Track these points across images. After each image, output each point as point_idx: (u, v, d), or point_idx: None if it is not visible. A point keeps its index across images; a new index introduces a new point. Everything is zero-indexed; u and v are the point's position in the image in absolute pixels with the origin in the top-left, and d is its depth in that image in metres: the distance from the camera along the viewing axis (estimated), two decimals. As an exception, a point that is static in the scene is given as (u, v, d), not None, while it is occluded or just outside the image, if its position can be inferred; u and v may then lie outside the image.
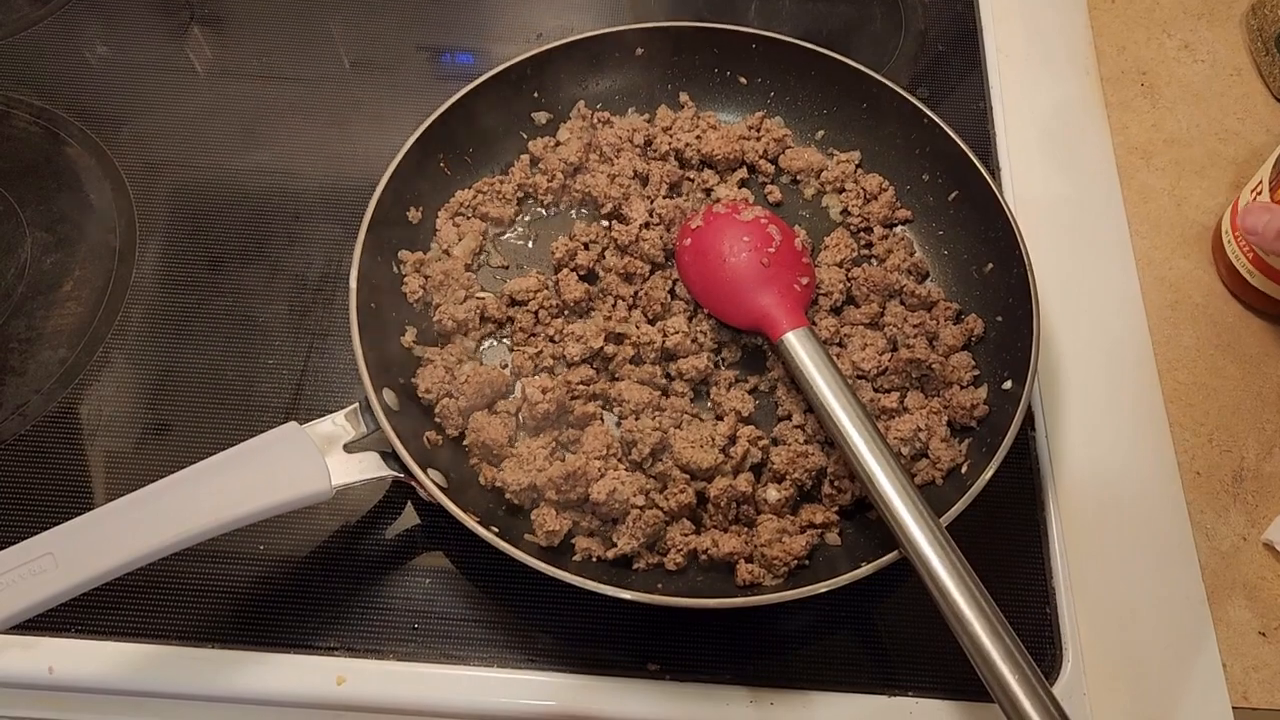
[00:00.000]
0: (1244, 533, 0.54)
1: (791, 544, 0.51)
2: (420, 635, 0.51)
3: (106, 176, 0.66)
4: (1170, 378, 0.59)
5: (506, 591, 0.53)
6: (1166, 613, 0.52)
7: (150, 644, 0.51)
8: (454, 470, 0.52)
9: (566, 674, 0.51)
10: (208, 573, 0.52)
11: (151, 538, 0.44)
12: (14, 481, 0.54)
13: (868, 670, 0.51)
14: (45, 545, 0.44)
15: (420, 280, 0.59)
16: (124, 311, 0.61)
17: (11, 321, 0.60)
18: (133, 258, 0.63)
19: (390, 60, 0.73)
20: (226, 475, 0.47)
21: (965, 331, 0.58)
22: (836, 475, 0.53)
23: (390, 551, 0.54)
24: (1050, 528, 0.55)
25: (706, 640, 0.51)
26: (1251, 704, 0.50)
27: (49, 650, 0.50)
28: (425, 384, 0.55)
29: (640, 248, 0.59)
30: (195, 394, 0.58)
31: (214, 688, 0.50)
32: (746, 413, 0.55)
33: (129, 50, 0.73)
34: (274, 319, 0.61)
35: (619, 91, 0.66)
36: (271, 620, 0.52)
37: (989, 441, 0.52)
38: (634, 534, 0.50)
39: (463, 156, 0.63)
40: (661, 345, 0.56)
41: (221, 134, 0.69)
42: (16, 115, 0.68)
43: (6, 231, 0.63)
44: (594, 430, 0.53)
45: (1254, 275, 0.60)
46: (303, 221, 0.65)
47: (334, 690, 0.50)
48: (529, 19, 0.75)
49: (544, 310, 0.58)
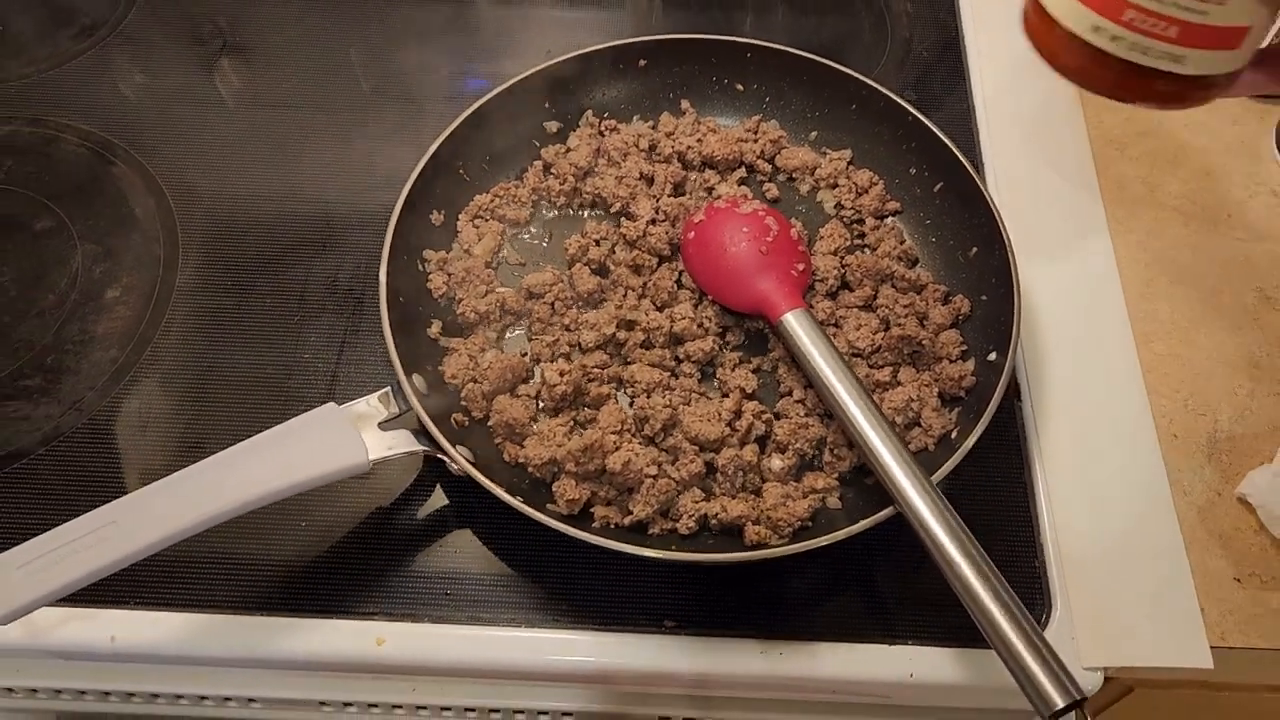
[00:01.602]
0: (1219, 489, 0.58)
1: (795, 507, 0.54)
2: (452, 600, 0.55)
3: (150, 192, 0.71)
4: (1147, 349, 0.63)
5: (530, 560, 0.57)
6: (1148, 563, 0.55)
7: (203, 613, 0.54)
8: (480, 448, 0.57)
9: (588, 631, 0.54)
10: (254, 548, 0.56)
11: (205, 507, 0.48)
12: (76, 467, 0.59)
13: (869, 622, 0.55)
14: (109, 515, 0.48)
15: (444, 277, 0.63)
16: (169, 314, 0.65)
17: (66, 326, 0.64)
18: (176, 265, 0.67)
19: (407, 85, 0.78)
20: (272, 451, 0.51)
21: (953, 311, 0.62)
22: (835, 444, 0.57)
23: (422, 528, 0.58)
24: (1037, 489, 0.58)
25: (719, 597, 0.55)
26: (1228, 644, 0.53)
27: (110, 621, 0.54)
28: (451, 370, 0.59)
29: (648, 242, 0.63)
30: (237, 387, 0.62)
31: (263, 651, 0.54)
32: (750, 390, 0.59)
33: (165, 77, 0.78)
34: (308, 318, 0.65)
35: (624, 101, 0.71)
36: (314, 589, 0.55)
37: (976, 409, 0.56)
38: (648, 501, 0.54)
39: (480, 164, 0.67)
40: (670, 330, 0.60)
41: (253, 153, 0.74)
42: (65, 139, 0.73)
43: (59, 245, 0.68)
44: (609, 408, 0.57)
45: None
46: (332, 229, 0.69)
47: (374, 650, 0.54)
48: (539, 39, 0.80)
49: (559, 302, 0.62)
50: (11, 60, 0.79)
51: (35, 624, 0.53)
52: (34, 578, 0.46)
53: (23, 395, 0.62)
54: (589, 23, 0.82)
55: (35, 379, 0.62)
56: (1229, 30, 0.35)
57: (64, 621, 0.54)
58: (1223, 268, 0.67)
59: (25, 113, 0.75)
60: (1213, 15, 0.34)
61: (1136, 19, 0.35)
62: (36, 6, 0.83)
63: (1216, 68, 0.36)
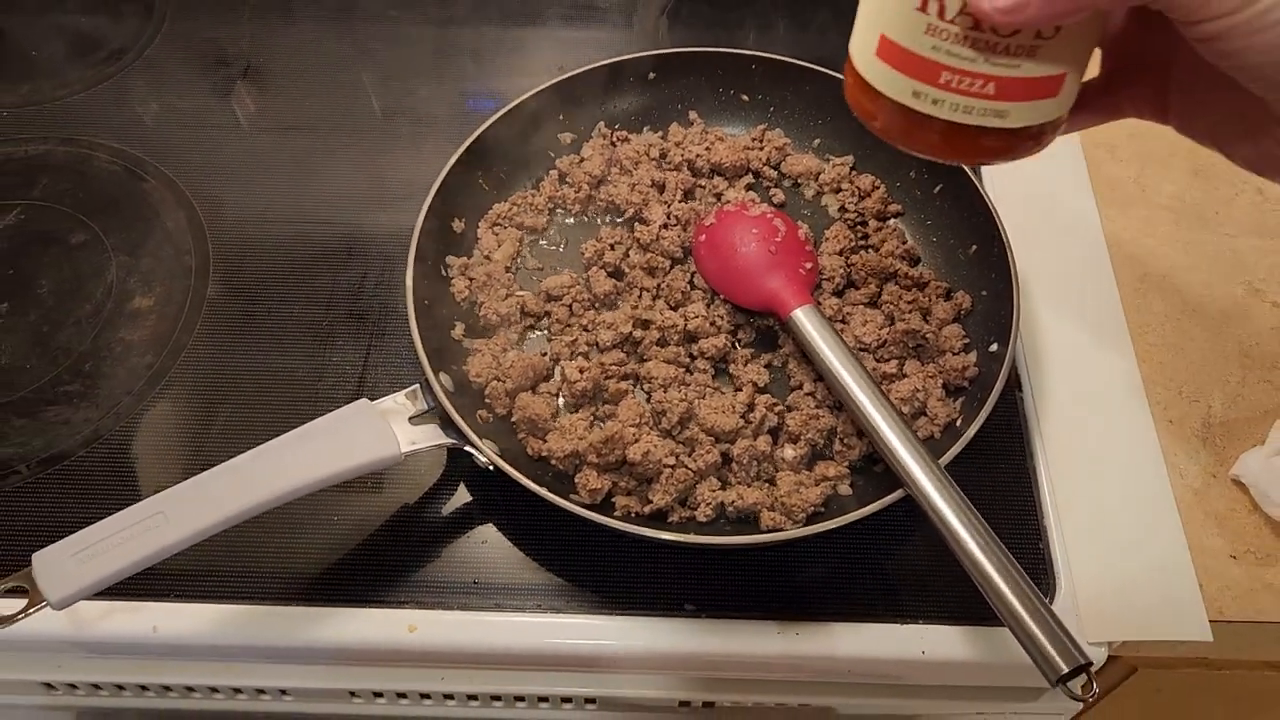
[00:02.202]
0: (1214, 471, 0.60)
1: (808, 494, 0.57)
2: (480, 589, 0.57)
3: (180, 206, 0.73)
4: (1141, 340, 0.65)
5: (553, 550, 0.59)
6: (1147, 543, 0.58)
7: (242, 604, 0.57)
8: (504, 443, 0.59)
9: (611, 616, 0.57)
10: (289, 541, 0.59)
11: (248, 497, 0.51)
12: (115, 468, 0.61)
13: (882, 602, 0.57)
14: (157, 505, 0.50)
15: (466, 282, 0.66)
16: (201, 322, 0.68)
17: (103, 334, 0.67)
18: (207, 275, 0.70)
19: (421, 106, 0.81)
20: (308, 443, 0.53)
21: (955, 306, 0.64)
22: (845, 434, 0.60)
23: (448, 522, 0.60)
24: (1039, 474, 0.61)
25: (737, 582, 0.57)
26: (1227, 618, 0.55)
27: (152, 612, 0.56)
28: (475, 370, 0.61)
29: (660, 245, 0.66)
30: (268, 388, 0.65)
31: (300, 640, 0.56)
32: (762, 384, 0.62)
33: (190, 98, 0.81)
34: (336, 323, 0.68)
35: (635, 112, 0.74)
36: (348, 581, 0.58)
37: (979, 398, 0.58)
38: (667, 490, 0.57)
39: (498, 174, 0.70)
40: (684, 328, 0.63)
41: (277, 169, 0.76)
42: (97, 157, 0.76)
43: (94, 257, 0.71)
44: (628, 403, 0.60)
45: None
46: (356, 239, 0.72)
47: (407, 638, 0.56)
48: (550, 57, 0.83)
49: (577, 303, 0.65)
50: (45, 83, 0.82)
51: (80, 616, 0.56)
52: (86, 565, 0.48)
53: (63, 400, 0.64)
54: (598, 40, 0.85)
55: (74, 385, 0.65)
56: (1045, 80, 0.34)
57: (108, 614, 0.56)
58: (1212, 262, 0.69)
59: (59, 133, 0.78)
60: (1025, 68, 0.34)
61: (953, 80, 0.34)
62: (68, 33, 0.86)
63: (1041, 116, 0.36)
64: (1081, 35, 0.34)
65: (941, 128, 0.36)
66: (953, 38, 0.33)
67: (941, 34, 0.33)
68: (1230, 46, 0.30)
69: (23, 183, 0.75)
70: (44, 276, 0.70)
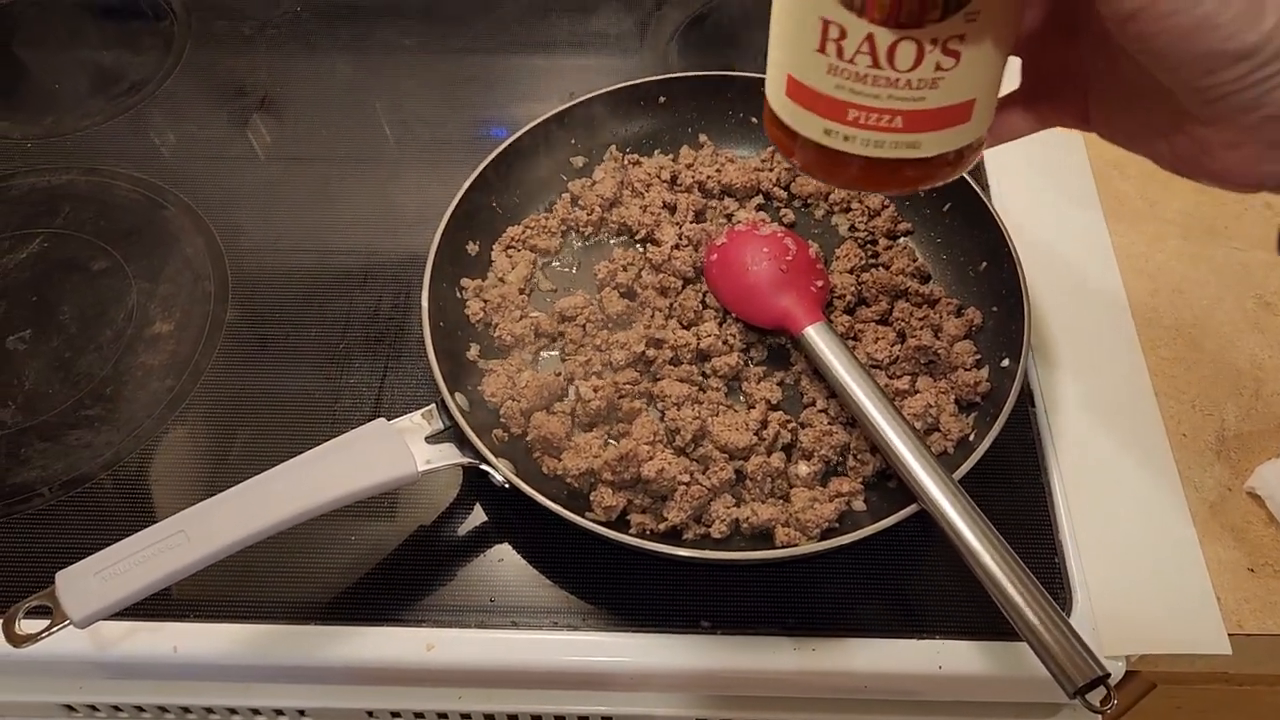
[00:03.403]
0: (1229, 484, 0.60)
1: (822, 509, 0.57)
2: (496, 607, 0.58)
3: (199, 233, 0.75)
4: (1153, 354, 0.66)
5: (568, 568, 0.59)
6: (1163, 556, 0.57)
7: (262, 624, 0.57)
8: (519, 462, 0.59)
9: (627, 634, 0.57)
10: (307, 562, 0.59)
11: (268, 515, 0.51)
12: (136, 490, 0.62)
13: (898, 618, 0.57)
14: (178, 524, 0.51)
15: (480, 304, 0.67)
16: (220, 346, 0.69)
17: (124, 359, 0.68)
18: (226, 300, 0.71)
19: (435, 133, 0.82)
20: (328, 462, 0.54)
21: (966, 323, 0.65)
22: (858, 450, 0.60)
23: (464, 541, 0.61)
24: (1054, 489, 0.61)
25: (753, 598, 0.57)
26: (1246, 631, 0.55)
27: (173, 633, 0.57)
28: (490, 389, 0.62)
29: (672, 265, 0.67)
30: (287, 410, 0.65)
31: (319, 658, 0.56)
32: (775, 401, 0.62)
33: (209, 128, 0.83)
34: (353, 345, 0.69)
35: (646, 135, 0.75)
36: (366, 600, 0.58)
37: (992, 413, 0.59)
38: (682, 507, 0.57)
39: (511, 197, 0.71)
40: (696, 347, 0.63)
41: (294, 197, 0.78)
42: (118, 186, 0.78)
43: (115, 284, 0.72)
44: (641, 421, 0.60)
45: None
46: (371, 265, 0.73)
47: (425, 655, 0.56)
48: (562, 83, 0.85)
49: (590, 324, 0.66)
50: (67, 115, 0.84)
51: (102, 636, 0.56)
52: (109, 583, 0.49)
53: (84, 424, 0.65)
54: (609, 67, 0.86)
55: (95, 409, 0.66)
56: (954, 108, 0.34)
57: (129, 634, 0.57)
58: (1222, 276, 0.70)
59: (81, 163, 0.80)
60: (931, 99, 0.34)
61: (860, 117, 0.34)
62: (89, 66, 0.88)
63: (957, 142, 0.36)
64: (984, 61, 0.34)
65: (858, 162, 0.36)
66: (854, 76, 0.33)
67: (843, 73, 0.34)
68: (1145, 28, 0.30)
69: (46, 211, 0.76)
70: (66, 303, 0.71)
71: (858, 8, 0.32)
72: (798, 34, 0.34)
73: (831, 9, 0.32)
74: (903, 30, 0.32)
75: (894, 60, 0.32)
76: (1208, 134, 0.33)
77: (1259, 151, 0.32)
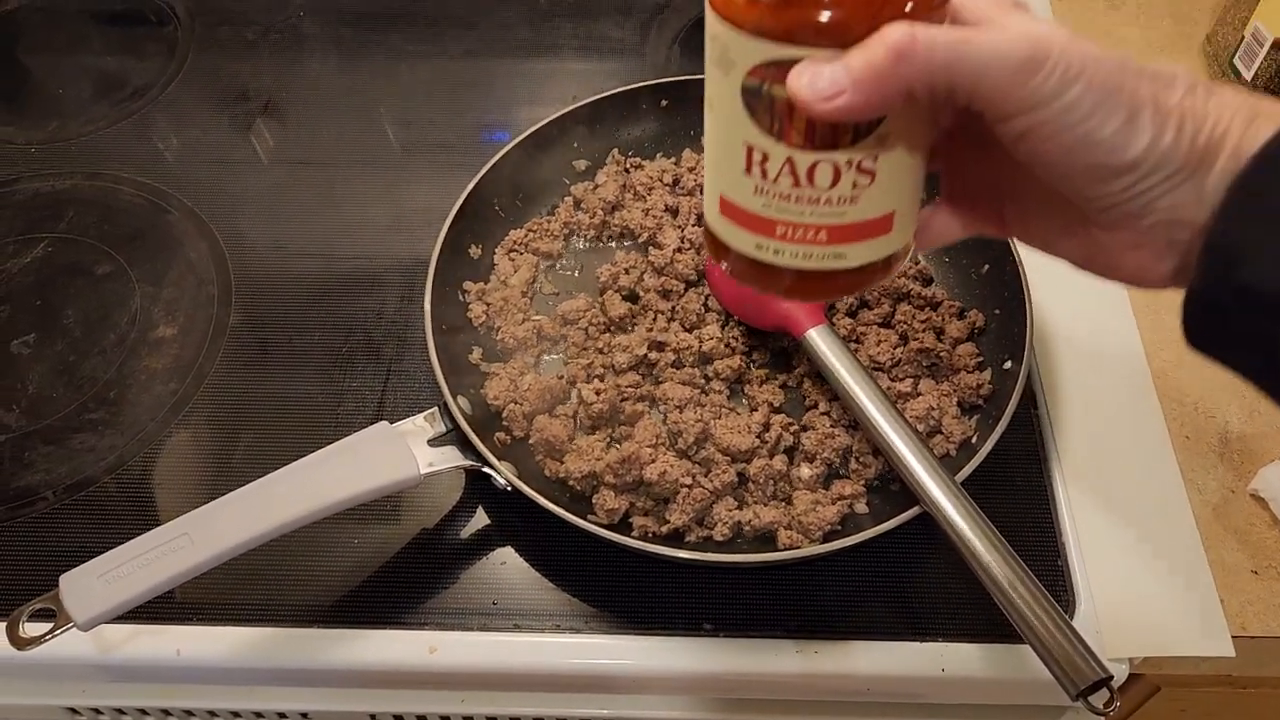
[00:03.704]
0: (1232, 486, 0.60)
1: (825, 512, 0.57)
2: (498, 610, 0.58)
3: (203, 237, 0.75)
4: (1156, 357, 0.65)
5: (571, 571, 0.59)
6: (1167, 559, 0.57)
7: (265, 627, 0.57)
8: (522, 465, 0.59)
9: (629, 636, 0.57)
10: (310, 565, 0.59)
11: (271, 518, 0.51)
12: (140, 493, 0.62)
13: (900, 620, 0.57)
14: (182, 527, 0.51)
15: (483, 307, 0.67)
16: (223, 349, 0.69)
17: (128, 362, 0.68)
18: (229, 304, 0.71)
19: (437, 137, 0.82)
20: (331, 465, 0.54)
21: (968, 325, 0.65)
22: (861, 453, 0.60)
23: (467, 545, 0.61)
24: (1057, 492, 0.61)
25: (755, 601, 0.57)
26: (1250, 633, 0.55)
27: (176, 636, 0.57)
28: (493, 393, 0.62)
29: (675, 268, 0.67)
30: (290, 414, 0.66)
31: (322, 661, 0.56)
32: (778, 404, 0.62)
33: (212, 133, 0.83)
34: (355, 349, 0.69)
35: (648, 139, 0.75)
36: (369, 604, 0.58)
37: (994, 415, 0.59)
38: (684, 510, 0.57)
39: (514, 201, 0.71)
40: (699, 350, 0.63)
41: (297, 201, 0.78)
42: (122, 190, 0.78)
43: (119, 288, 0.72)
44: (644, 424, 0.60)
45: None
46: (374, 268, 0.73)
47: (427, 659, 0.56)
48: (564, 87, 0.85)
49: (593, 327, 0.66)
50: (71, 120, 0.84)
51: (106, 639, 0.56)
52: (112, 586, 0.49)
53: (88, 428, 0.65)
54: (611, 70, 0.86)
55: (99, 412, 0.66)
56: (875, 221, 0.36)
57: (133, 637, 0.57)
58: (1225, 279, 0.69)
59: (85, 168, 0.80)
60: (852, 214, 0.35)
61: (788, 233, 0.36)
62: (93, 72, 0.88)
63: (882, 251, 0.37)
64: (899, 177, 0.35)
65: (790, 274, 0.38)
66: (778, 196, 0.35)
67: (768, 193, 0.35)
68: (1035, 146, 0.32)
69: (50, 216, 0.77)
70: (70, 307, 0.71)
71: (777, 134, 0.34)
72: (726, 158, 0.36)
73: (754, 135, 0.34)
74: (819, 154, 0.34)
75: (814, 180, 0.34)
76: (1109, 238, 0.35)
77: (1157, 251, 0.34)
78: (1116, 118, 0.31)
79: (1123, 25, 0.86)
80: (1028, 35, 0.31)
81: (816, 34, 0.31)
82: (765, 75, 0.33)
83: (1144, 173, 0.32)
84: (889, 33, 0.31)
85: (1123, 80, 0.31)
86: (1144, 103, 0.31)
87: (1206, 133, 0.32)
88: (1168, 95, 0.32)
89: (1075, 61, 0.31)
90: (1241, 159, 0.31)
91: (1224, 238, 0.31)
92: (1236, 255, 0.31)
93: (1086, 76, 0.31)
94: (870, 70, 0.31)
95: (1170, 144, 0.32)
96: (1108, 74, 0.31)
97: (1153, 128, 0.31)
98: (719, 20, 0.34)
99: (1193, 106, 0.32)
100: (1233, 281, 0.31)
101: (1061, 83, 0.31)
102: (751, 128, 0.34)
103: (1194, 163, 0.32)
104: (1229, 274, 0.31)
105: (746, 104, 0.34)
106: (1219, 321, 0.33)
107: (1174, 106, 0.32)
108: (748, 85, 0.33)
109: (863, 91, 0.31)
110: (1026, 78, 0.31)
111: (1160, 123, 0.31)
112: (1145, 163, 0.32)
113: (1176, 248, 0.34)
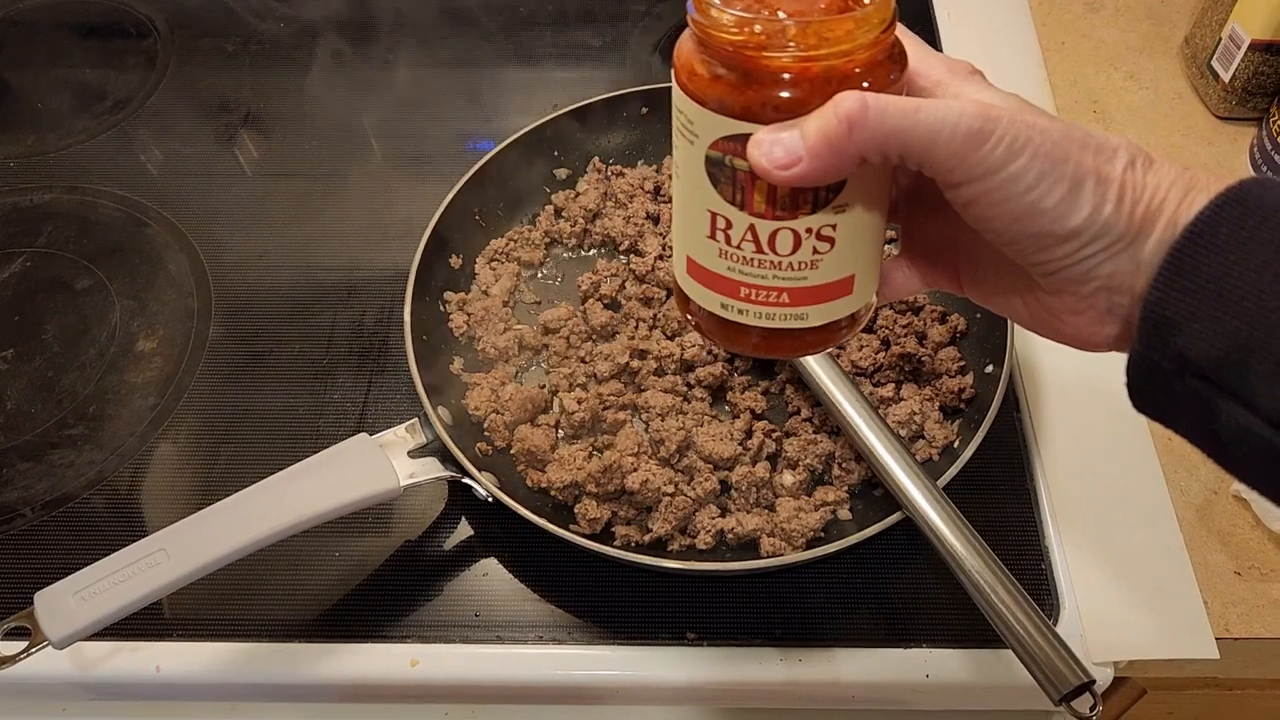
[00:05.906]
0: (1215, 487, 0.60)
1: (808, 519, 0.57)
2: (481, 622, 0.57)
3: (183, 250, 0.74)
4: (1138, 359, 0.65)
5: (554, 582, 0.59)
6: (1150, 561, 0.57)
7: (244, 642, 0.57)
8: (504, 475, 0.59)
9: (613, 647, 0.56)
10: (291, 579, 0.59)
11: (248, 532, 0.51)
12: (120, 508, 0.62)
13: (884, 627, 0.57)
14: (159, 543, 0.51)
15: (464, 317, 0.66)
16: (204, 363, 0.68)
17: (106, 377, 0.68)
18: (209, 317, 0.71)
19: (418, 147, 0.82)
20: (310, 478, 0.54)
21: (950, 329, 0.65)
22: (843, 459, 0.60)
23: (449, 556, 0.61)
24: (1040, 495, 0.61)
25: (739, 609, 0.57)
26: (1233, 634, 0.55)
27: (155, 652, 0.56)
28: (474, 403, 0.62)
29: (656, 276, 0.67)
30: (270, 427, 0.65)
31: (303, 676, 0.56)
32: (760, 410, 0.62)
33: (192, 145, 0.83)
34: (336, 361, 0.68)
35: (629, 146, 0.75)
36: (349, 617, 0.58)
37: (976, 419, 0.59)
38: (667, 518, 0.57)
39: (495, 210, 0.71)
40: (681, 357, 0.63)
41: (278, 213, 0.78)
42: (101, 204, 0.78)
43: (98, 302, 0.72)
44: (626, 432, 0.60)
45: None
46: (355, 279, 0.73)
47: (409, 672, 0.56)
48: (545, 95, 0.85)
49: (574, 335, 0.65)
50: (49, 134, 0.83)
51: (84, 656, 0.56)
52: (88, 603, 0.48)
53: (67, 443, 0.65)
54: (592, 78, 0.86)
55: (78, 427, 0.65)
56: (835, 284, 0.37)
57: (112, 654, 0.56)
58: (1206, 280, 0.69)
59: (63, 181, 0.80)
60: (812, 278, 0.36)
61: (751, 294, 0.37)
62: (72, 84, 0.88)
63: (844, 311, 0.38)
64: (858, 242, 0.36)
65: (755, 332, 0.39)
66: (742, 260, 0.36)
67: (732, 257, 0.37)
68: (983, 212, 0.33)
69: (28, 230, 0.76)
70: (49, 322, 0.71)
71: (739, 203, 0.35)
72: (692, 223, 0.37)
73: (718, 204, 0.35)
74: (779, 222, 0.35)
75: (775, 246, 0.35)
76: (1054, 301, 0.36)
77: (1098, 316, 0.35)
78: (1060, 188, 0.32)
79: (1101, 27, 0.86)
80: (977, 105, 0.32)
81: (776, 111, 0.33)
82: (727, 148, 0.34)
83: (1085, 240, 0.33)
84: (842, 101, 0.32)
85: (1067, 151, 0.32)
86: (1087, 174, 0.32)
87: (1145, 204, 0.33)
88: (1110, 167, 0.33)
89: (1022, 133, 0.32)
90: (1177, 229, 0.32)
91: (1159, 307, 0.32)
92: (1171, 324, 0.32)
93: (1032, 148, 0.32)
94: (824, 139, 0.32)
95: (1111, 214, 0.33)
96: (1053, 145, 0.32)
97: (1094, 198, 0.32)
98: (684, 96, 0.35)
99: (1133, 179, 0.33)
100: (1169, 349, 0.32)
101: (1008, 153, 0.32)
102: (715, 196, 0.35)
103: (1133, 232, 0.33)
104: (1165, 342, 0.32)
105: (710, 174, 0.35)
106: (1158, 386, 0.34)
107: (1115, 178, 0.33)
108: (711, 157, 0.35)
109: (818, 160, 0.32)
110: (974, 147, 0.32)
111: (1102, 194, 0.33)
112: (1086, 231, 0.33)
113: (1117, 312, 0.35)
